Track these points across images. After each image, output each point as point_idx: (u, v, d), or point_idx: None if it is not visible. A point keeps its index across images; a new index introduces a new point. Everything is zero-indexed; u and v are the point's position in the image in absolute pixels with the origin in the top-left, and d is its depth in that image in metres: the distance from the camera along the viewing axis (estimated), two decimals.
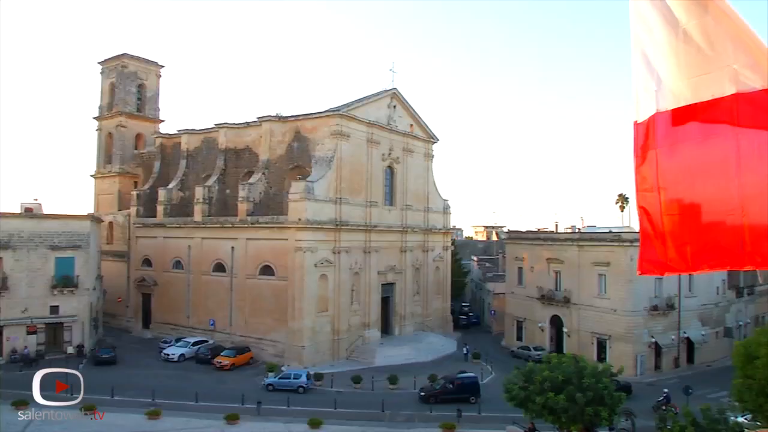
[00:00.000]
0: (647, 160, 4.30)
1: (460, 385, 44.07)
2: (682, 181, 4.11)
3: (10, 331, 53.75)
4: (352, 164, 60.67)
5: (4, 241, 54.04)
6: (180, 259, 67.05)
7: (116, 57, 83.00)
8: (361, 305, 61.50)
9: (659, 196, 4.23)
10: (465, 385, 44.20)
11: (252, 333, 59.04)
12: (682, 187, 4.12)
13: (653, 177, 4.25)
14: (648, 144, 4.28)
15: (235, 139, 68.86)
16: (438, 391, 43.98)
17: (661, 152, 4.20)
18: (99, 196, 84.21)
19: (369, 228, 62.25)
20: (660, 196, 4.22)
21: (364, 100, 62.81)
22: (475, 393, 43.87)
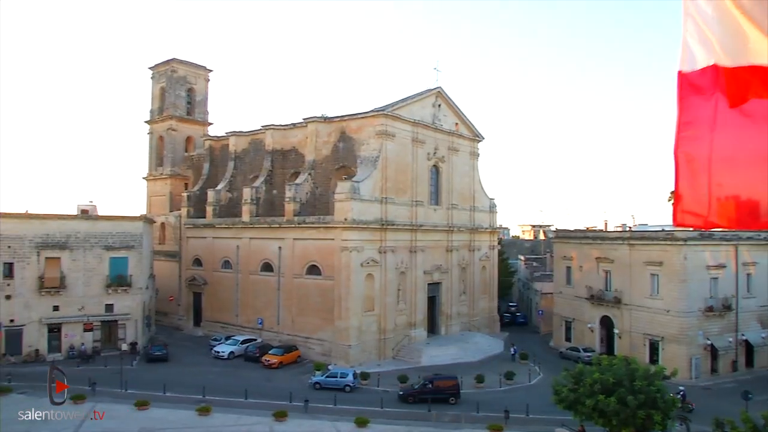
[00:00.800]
0: (693, 105, 4.09)
1: (438, 386, 43.83)
2: (738, 129, 3.91)
3: (68, 328, 55.88)
4: (398, 164, 60.71)
5: (62, 241, 56.15)
6: (229, 259, 68.33)
7: (166, 62, 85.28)
8: (407, 305, 61.48)
9: (711, 142, 4.01)
10: (444, 386, 44.04)
11: (299, 332, 59.72)
12: (735, 135, 3.91)
13: (705, 122, 4.03)
14: (702, 89, 4.07)
15: (281, 140, 69.81)
16: (416, 391, 43.81)
17: (719, 99, 3.99)
18: (151, 198, 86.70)
19: (415, 227, 62.18)
20: (712, 143, 4.00)
21: (409, 100, 62.76)
22: (455, 394, 43.57)
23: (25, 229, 55.06)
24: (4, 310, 53.29)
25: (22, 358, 53.60)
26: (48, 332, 55.15)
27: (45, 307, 54.99)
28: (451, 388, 43.78)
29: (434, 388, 43.67)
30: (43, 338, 54.91)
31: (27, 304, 54.27)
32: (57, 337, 55.55)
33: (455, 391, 43.75)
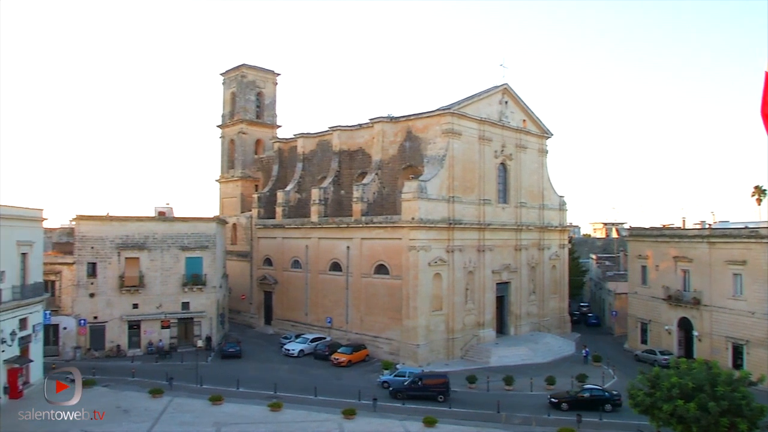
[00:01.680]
0: None
1: (426, 384, 43.50)
2: None
3: (146, 325, 58.36)
4: (464, 162, 60.20)
5: (141, 242, 58.64)
6: (298, 259, 69.53)
7: (236, 68, 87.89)
8: (476, 304, 60.85)
9: None
10: (432, 384, 43.64)
11: (367, 331, 60.09)
12: None
13: None
14: None
15: (348, 141, 70.50)
16: (406, 388, 43.71)
17: None
18: (223, 200, 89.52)
19: (482, 226, 61.47)
20: None
21: (475, 97, 62.12)
22: (444, 392, 42.97)
23: (107, 230, 57.81)
24: (88, 307, 56.19)
25: (105, 353, 56.34)
26: (128, 329, 57.81)
27: (125, 304, 57.59)
28: (439, 386, 43.38)
29: (423, 386, 43.60)
30: (123, 334, 57.55)
31: (109, 302, 57.01)
32: (137, 334, 58.12)
33: (444, 390, 43.18)
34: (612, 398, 41.33)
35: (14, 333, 41.64)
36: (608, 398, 41.40)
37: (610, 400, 41.24)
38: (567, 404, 41.13)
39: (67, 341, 55.66)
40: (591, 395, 41.54)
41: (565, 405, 41.14)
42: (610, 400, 41.25)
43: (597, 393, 41.91)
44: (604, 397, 41.51)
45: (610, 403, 41.08)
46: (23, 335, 43.31)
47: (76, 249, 56.92)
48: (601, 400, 41.18)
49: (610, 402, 41.13)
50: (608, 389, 43.43)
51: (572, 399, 41.49)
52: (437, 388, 43.31)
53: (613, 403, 41.13)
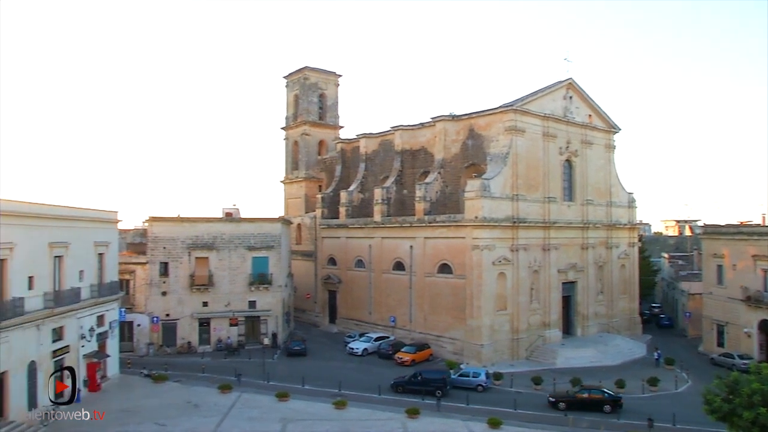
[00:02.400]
0: None
1: (426, 378, 45.01)
2: None
3: (216, 322, 60.10)
4: (528, 159, 59.15)
5: (209, 242, 60.42)
6: (362, 258, 70.02)
7: (299, 71, 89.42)
8: (541, 304, 59.68)
9: None
10: (431, 379, 44.93)
11: (431, 330, 59.88)
12: None
13: None
14: None
15: (410, 140, 70.48)
16: (406, 381, 45.39)
17: None
18: (288, 200, 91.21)
19: (547, 225, 60.24)
20: None
21: (538, 93, 60.93)
22: (441, 387, 43.81)
23: (178, 231, 59.86)
24: (161, 305, 58.33)
25: (176, 349, 58.34)
26: (198, 326, 59.68)
27: (195, 302, 59.46)
28: (438, 381, 44.56)
29: (423, 380, 44.91)
30: (194, 331, 59.44)
31: (180, 300, 59.01)
32: (206, 331, 59.92)
33: (442, 385, 44.07)
34: (612, 399, 40.73)
35: (92, 329, 43.70)
36: (607, 399, 40.80)
37: (610, 401, 40.63)
38: (564, 404, 40.77)
39: (141, 338, 57.99)
40: (590, 395, 41.06)
41: (562, 405, 40.78)
42: (609, 401, 40.64)
43: (596, 393, 41.28)
44: (603, 398, 40.86)
45: (610, 404, 40.48)
46: (100, 331, 45.41)
47: (149, 249, 59.19)
48: (600, 401, 40.67)
49: (610, 403, 40.50)
50: (608, 390, 42.18)
51: (570, 399, 41.11)
52: (436, 383, 44.34)
53: (612, 404, 40.48)
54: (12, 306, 33.45)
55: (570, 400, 41.05)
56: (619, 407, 40.47)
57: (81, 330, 41.93)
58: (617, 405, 40.50)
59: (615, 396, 41.28)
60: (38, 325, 36.30)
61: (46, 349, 37.52)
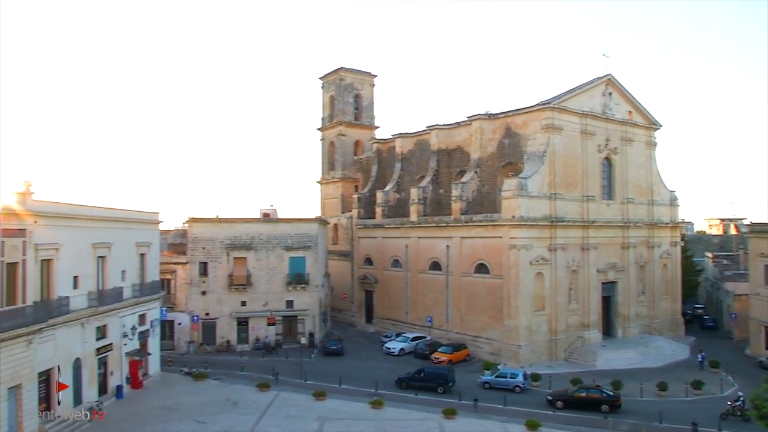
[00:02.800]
0: None
1: (428, 375, 46.03)
2: None
3: (254, 321, 60.88)
4: (566, 158, 58.30)
5: (247, 243, 61.22)
6: (398, 258, 70.01)
7: (334, 72, 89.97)
8: (580, 304, 58.75)
9: None
10: (433, 375, 45.90)
11: (468, 330, 59.54)
12: None
13: None
14: None
15: (446, 139, 70.21)
16: (409, 378, 46.29)
17: None
18: (324, 200, 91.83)
19: (586, 224, 59.27)
20: None
21: (576, 90, 60.00)
22: (443, 384, 44.91)
23: (217, 232, 60.84)
24: (200, 304, 59.34)
25: (216, 348, 59.28)
26: (237, 325, 60.53)
27: (234, 302, 60.30)
28: (439, 378, 45.54)
29: (426, 377, 45.82)
30: (233, 330, 60.29)
31: (219, 300, 59.92)
32: (245, 330, 60.74)
33: (443, 382, 45.04)
34: (610, 399, 40.32)
35: (134, 328, 44.68)
36: (605, 399, 40.37)
37: (608, 401, 40.19)
38: (562, 403, 40.71)
39: (182, 336, 59.10)
40: (588, 395, 40.76)
41: (560, 403, 40.75)
42: (607, 401, 40.20)
43: (594, 393, 40.91)
44: (601, 397, 40.45)
45: (608, 403, 40.01)
46: (142, 330, 46.39)
47: (189, 249, 60.28)
48: (598, 401, 40.26)
49: (607, 403, 40.04)
50: (606, 390, 41.77)
51: (568, 398, 40.97)
52: (438, 379, 45.50)
53: (610, 404, 40.01)
54: (58, 305, 34.45)
55: (568, 399, 41.02)
56: (617, 407, 40.10)
57: (123, 328, 42.91)
58: (615, 405, 40.17)
59: (613, 396, 40.88)
60: (83, 324, 37.31)
61: (91, 347, 38.54)
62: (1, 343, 28.39)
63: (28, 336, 30.55)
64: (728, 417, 37.58)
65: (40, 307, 32.18)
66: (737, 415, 37.47)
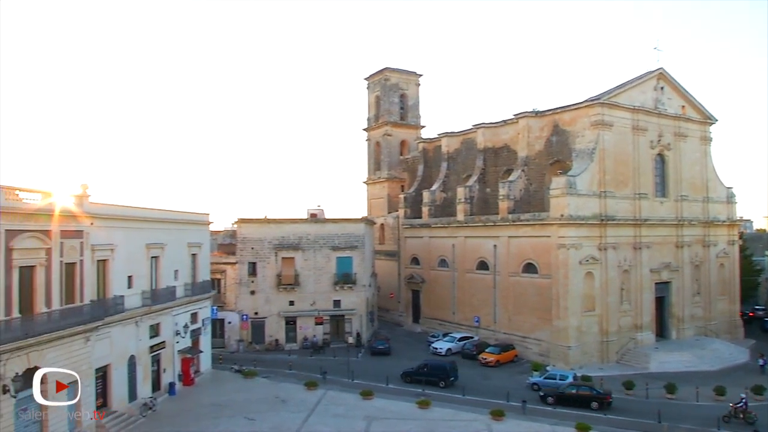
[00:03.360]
0: None
1: (431, 369, 47.77)
2: None
3: (302, 321, 61.61)
4: (617, 154, 56.95)
5: (295, 243, 61.99)
6: (445, 258, 69.72)
7: (379, 72, 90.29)
8: (632, 305, 57.30)
9: None
10: (436, 369, 47.57)
11: (516, 331, 58.84)
12: None
13: None
14: None
15: (492, 138, 69.57)
16: (414, 372, 47.99)
17: None
18: (371, 200, 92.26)
19: (638, 222, 57.79)
20: None
21: (626, 85, 58.54)
22: (444, 378, 46.34)
23: (265, 232, 61.82)
24: (250, 304, 60.41)
25: (265, 347, 60.24)
26: (285, 324, 61.39)
27: (282, 301, 61.15)
28: (441, 372, 47.04)
29: (429, 371, 47.41)
30: (281, 329, 61.17)
31: (268, 299, 60.87)
32: (293, 329, 61.53)
33: (445, 376, 46.49)
34: (599, 396, 40.94)
35: (187, 326, 45.78)
36: (595, 396, 41.06)
37: (597, 398, 40.85)
38: (553, 398, 41.73)
39: (232, 335, 60.28)
40: (577, 392, 41.75)
41: (551, 399, 41.82)
42: (596, 398, 40.87)
43: (584, 390, 41.83)
44: (591, 394, 41.26)
45: (597, 400, 40.67)
46: (194, 328, 47.51)
47: (238, 250, 61.43)
48: (588, 398, 41.08)
49: (597, 399, 40.74)
50: (597, 388, 42.20)
51: (559, 394, 41.93)
52: (440, 374, 46.91)
53: (599, 401, 40.63)
54: (113, 303, 35.63)
55: (559, 394, 41.89)
56: (607, 405, 40.44)
57: (176, 327, 44.02)
58: (605, 402, 40.53)
59: (603, 393, 41.19)
60: (137, 322, 38.45)
61: (145, 345, 39.69)
62: (60, 339, 29.51)
63: (85, 333, 31.65)
64: (731, 419, 36.93)
65: (97, 305, 33.33)
66: (739, 417, 36.86)
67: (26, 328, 27.14)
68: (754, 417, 36.68)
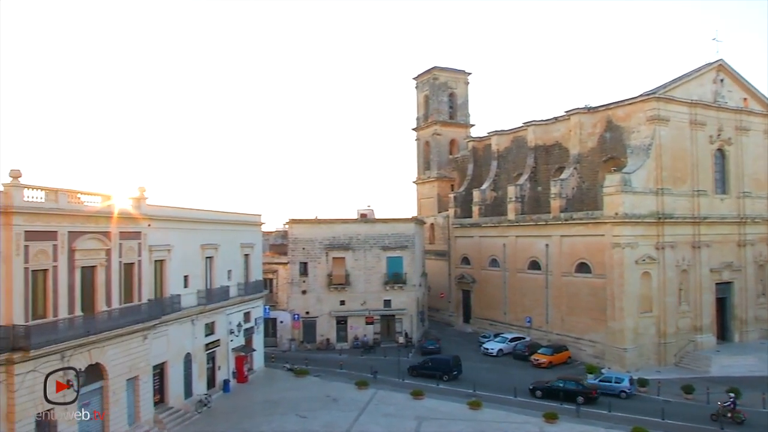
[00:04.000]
0: None
1: (435, 363, 49.83)
2: None
3: (352, 321, 62.02)
4: (673, 150, 55.18)
5: (346, 243, 62.44)
6: (495, 257, 69.03)
7: (428, 71, 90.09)
8: (691, 306, 55.42)
9: None
10: (439, 364, 49.56)
11: (569, 332, 57.74)
12: None
13: None
14: None
15: (543, 135, 68.48)
16: (419, 366, 50.18)
17: None
18: (421, 200, 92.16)
19: (697, 220, 55.86)
20: None
21: (684, 78, 56.60)
22: (447, 371, 48.26)
23: (316, 232, 62.50)
24: (301, 303, 61.20)
25: (316, 346, 60.92)
26: (336, 324, 61.86)
27: (333, 301, 61.69)
28: (444, 366, 48.86)
29: (432, 365, 49.44)
30: (332, 329, 61.71)
31: (319, 299, 61.50)
32: (344, 329, 62.01)
33: (447, 370, 48.36)
34: (585, 391, 42.28)
35: (240, 325, 46.73)
36: (580, 390, 42.33)
37: (582, 393, 42.05)
38: (541, 392, 43.46)
39: (284, 334, 61.20)
40: (564, 386, 43.08)
41: (539, 392, 43.49)
42: (582, 393, 42.07)
43: (570, 385, 43.11)
44: (576, 389, 42.53)
45: (582, 395, 41.78)
46: (247, 327, 48.48)
47: (290, 250, 62.33)
48: (573, 392, 42.27)
49: (582, 394, 41.89)
50: (583, 382, 43.66)
51: (547, 388, 43.52)
52: (442, 368, 48.74)
53: (585, 396, 41.74)
54: (170, 302, 36.70)
55: (546, 389, 43.44)
56: (593, 399, 41.63)
57: (230, 325, 44.99)
58: (590, 397, 41.72)
59: (588, 388, 42.52)
60: (193, 321, 39.50)
61: (200, 343, 40.73)
62: (120, 337, 30.56)
63: (143, 331, 32.71)
64: (719, 418, 36.92)
65: (154, 304, 34.40)
66: (727, 416, 36.90)
67: (88, 326, 28.25)
68: (742, 416, 36.87)
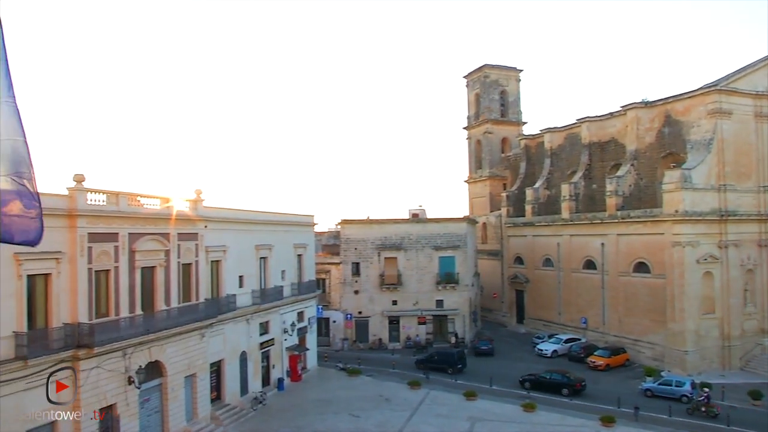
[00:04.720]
0: None
1: (440, 357, 51.64)
2: None
3: (404, 320, 61.95)
4: (737, 144, 53.02)
5: (397, 243, 62.46)
6: (549, 257, 67.86)
7: (478, 69, 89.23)
8: (758, 308, 53.12)
9: None
10: (444, 357, 51.39)
11: (627, 333, 56.23)
12: None
13: None
14: None
15: (598, 132, 66.92)
16: (425, 359, 51.70)
17: None
18: (472, 199, 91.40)
19: (764, 218, 53.53)
20: None
21: (747, 69, 54.27)
22: (451, 365, 49.95)
23: (368, 233, 62.74)
24: (353, 303, 61.55)
25: (368, 345, 61.15)
26: (388, 324, 61.94)
27: (385, 301, 61.79)
28: (448, 359, 50.66)
29: (438, 359, 51.14)
30: (384, 329, 61.82)
31: (371, 299, 61.72)
32: (396, 329, 62.02)
33: (452, 363, 49.97)
34: (570, 383, 44.12)
35: (294, 324, 47.37)
36: (565, 383, 44.31)
37: (568, 385, 44.01)
38: (529, 383, 45.37)
39: (336, 333, 61.69)
40: (551, 378, 45.22)
41: (527, 384, 45.42)
42: (567, 385, 44.06)
43: (556, 378, 45.09)
44: (562, 381, 44.59)
45: (567, 387, 43.86)
46: (300, 326, 49.11)
47: (342, 250, 62.76)
48: (559, 384, 44.43)
49: (568, 387, 43.90)
50: (569, 376, 45.11)
51: (535, 380, 45.46)
52: (447, 361, 50.51)
53: (569, 388, 43.69)
54: (226, 302, 37.49)
55: (534, 381, 45.36)
56: (577, 391, 43.34)
57: (284, 325, 45.66)
58: (575, 389, 43.50)
59: (573, 381, 44.18)
60: (248, 320, 40.26)
61: (255, 341, 41.49)
62: (178, 335, 31.41)
63: (201, 330, 33.54)
64: (694, 412, 38.23)
65: (211, 303, 35.23)
66: (702, 410, 37.96)
67: (148, 325, 29.15)
68: (716, 411, 37.66)
